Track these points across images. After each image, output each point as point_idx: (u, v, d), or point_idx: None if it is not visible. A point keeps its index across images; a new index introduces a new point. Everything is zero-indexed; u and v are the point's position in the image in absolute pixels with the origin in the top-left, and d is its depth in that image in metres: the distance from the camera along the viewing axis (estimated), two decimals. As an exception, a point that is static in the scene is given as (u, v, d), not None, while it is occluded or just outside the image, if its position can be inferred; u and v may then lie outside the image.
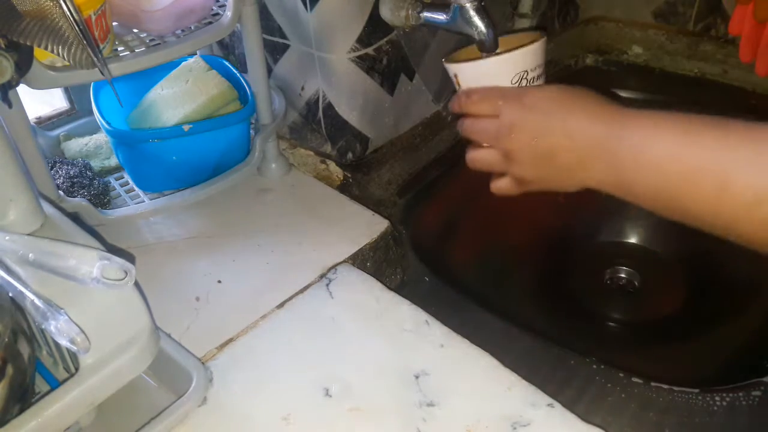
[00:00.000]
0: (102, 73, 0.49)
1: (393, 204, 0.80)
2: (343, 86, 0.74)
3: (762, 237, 0.38)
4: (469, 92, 0.54)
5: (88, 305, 0.44)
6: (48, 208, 0.51)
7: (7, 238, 0.44)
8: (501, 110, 0.50)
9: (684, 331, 0.78)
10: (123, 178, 0.78)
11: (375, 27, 0.71)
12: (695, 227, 0.41)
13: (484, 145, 0.54)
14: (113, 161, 0.79)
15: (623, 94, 1.00)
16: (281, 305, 0.60)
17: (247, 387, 0.53)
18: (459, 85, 0.57)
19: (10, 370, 0.43)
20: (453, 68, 0.56)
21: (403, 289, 0.71)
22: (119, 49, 0.59)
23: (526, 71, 0.53)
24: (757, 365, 0.65)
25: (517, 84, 0.54)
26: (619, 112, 0.46)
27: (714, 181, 0.39)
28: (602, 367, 0.57)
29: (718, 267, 0.82)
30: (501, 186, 0.54)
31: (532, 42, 0.53)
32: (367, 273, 0.64)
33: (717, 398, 0.54)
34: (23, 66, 0.46)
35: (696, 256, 0.85)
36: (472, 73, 0.55)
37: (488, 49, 0.59)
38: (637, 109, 0.45)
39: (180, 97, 0.74)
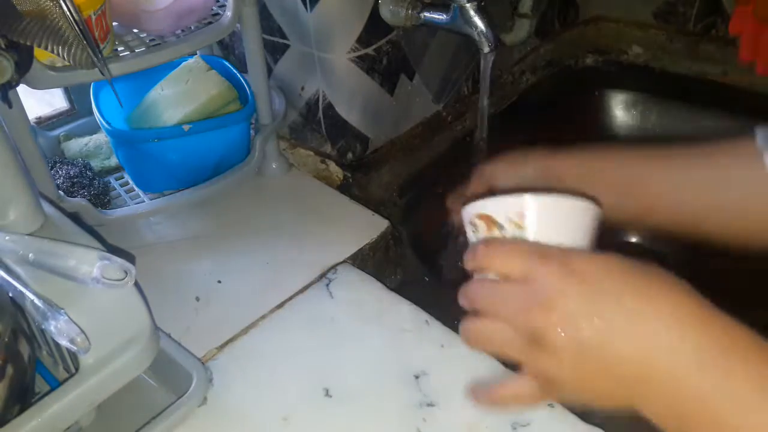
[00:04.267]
0: (102, 73, 0.49)
1: (393, 204, 0.80)
2: (343, 86, 0.74)
3: None
4: (490, 242, 0.37)
5: (88, 305, 0.44)
6: (48, 208, 0.51)
7: (7, 238, 0.44)
8: (537, 272, 0.34)
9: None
10: (123, 178, 0.78)
11: (375, 27, 0.71)
12: None
13: (498, 317, 0.36)
14: (113, 161, 0.79)
15: (623, 94, 1.00)
16: (281, 305, 0.60)
17: (247, 387, 0.53)
18: (497, 227, 0.38)
19: (10, 370, 0.43)
20: (520, 202, 0.37)
21: (403, 289, 0.71)
22: (119, 49, 0.59)
23: (592, 232, 0.38)
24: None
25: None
26: (720, 330, 0.32)
27: None
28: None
29: (720, 269, 0.82)
30: (516, 391, 0.37)
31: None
32: (367, 273, 0.64)
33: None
34: (23, 66, 0.46)
35: (697, 258, 0.85)
36: (549, 212, 0.37)
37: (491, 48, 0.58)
38: (715, 333, 0.32)
39: (180, 97, 0.74)
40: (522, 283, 0.35)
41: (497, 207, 0.37)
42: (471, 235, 0.40)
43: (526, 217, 0.36)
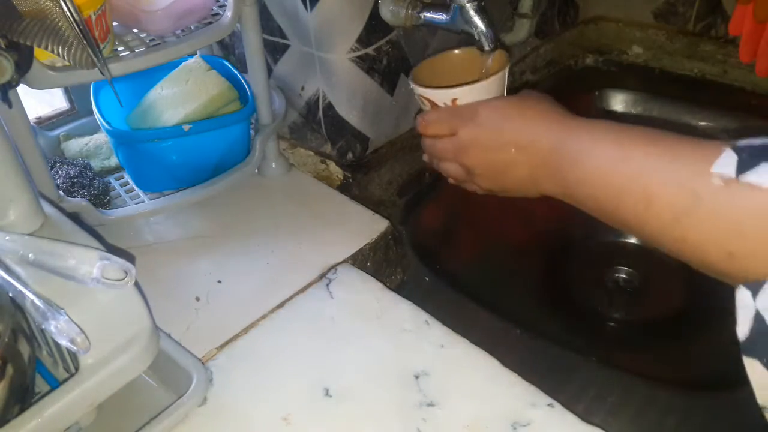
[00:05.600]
0: (102, 73, 0.49)
1: (393, 204, 0.80)
2: (343, 86, 0.74)
3: (682, 253, 0.39)
4: (425, 115, 0.56)
5: (88, 305, 0.44)
6: (48, 208, 0.51)
7: (7, 238, 0.44)
8: (457, 130, 0.53)
9: (684, 331, 0.78)
10: (123, 178, 0.78)
11: (375, 27, 0.71)
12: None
13: (446, 161, 0.57)
14: (113, 161, 0.79)
15: (623, 94, 1.00)
16: (281, 305, 0.60)
17: (247, 387, 0.53)
18: (429, 105, 0.57)
19: (10, 370, 0.43)
20: (451, 93, 0.54)
21: (403, 289, 0.71)
22: (119, 49, 0.59)
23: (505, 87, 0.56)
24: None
25: None
26: (563, 124, 0.47)
27: (639, 198, 0.40)
28: (602, 367, 0.57)
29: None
30: (473, 188, 0.58)
31: (500, 60, 0.58)
32: (367, 273, 0.64)
33: (717, 398, 0.54)
34: (23, 66, 0.46)
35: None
36: (470, 96, 0.55)
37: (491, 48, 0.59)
38: (579, 120, 0.47)
39: (180, 97, 0.74)
40: (452, 138, 0.54)
41: (438, 96, 0.55)
42: (422, 108, 0.58)
43: (457, 100, 0.55)
